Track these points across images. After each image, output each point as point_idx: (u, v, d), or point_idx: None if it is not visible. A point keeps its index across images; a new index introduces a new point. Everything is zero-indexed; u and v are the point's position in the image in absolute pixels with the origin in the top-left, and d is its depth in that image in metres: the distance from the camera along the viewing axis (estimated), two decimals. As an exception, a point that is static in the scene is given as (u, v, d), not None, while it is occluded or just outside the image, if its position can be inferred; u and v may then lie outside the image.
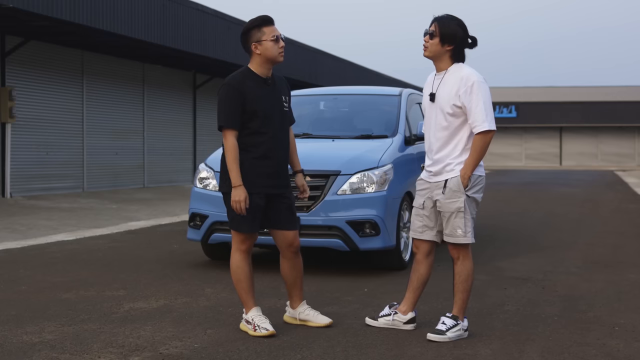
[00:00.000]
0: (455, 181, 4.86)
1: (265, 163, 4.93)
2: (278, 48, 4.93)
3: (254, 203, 4.88)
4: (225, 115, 4.86)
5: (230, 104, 4.85)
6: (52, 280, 6.87)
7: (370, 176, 7.14)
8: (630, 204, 16.84)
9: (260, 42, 4.92)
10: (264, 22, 4.95)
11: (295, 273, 5.16)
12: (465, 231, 4.88)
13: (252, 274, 5.05)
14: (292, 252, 5.11)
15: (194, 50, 19.15)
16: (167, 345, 4.68)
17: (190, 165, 23.64)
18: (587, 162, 55.24)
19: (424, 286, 5.19)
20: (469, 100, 4.79)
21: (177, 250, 8.86)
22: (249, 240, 5.01)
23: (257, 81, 4.95)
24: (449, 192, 4.87)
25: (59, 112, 17.90)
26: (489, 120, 4.78)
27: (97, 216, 13.08)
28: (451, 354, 4.55)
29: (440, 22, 4.91)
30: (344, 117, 8.91)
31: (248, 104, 4.87)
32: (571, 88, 56.85)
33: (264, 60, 4.95)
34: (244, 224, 4.92)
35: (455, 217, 4.88)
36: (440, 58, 4.94)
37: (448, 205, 4.89)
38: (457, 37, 4.89)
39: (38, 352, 4.51)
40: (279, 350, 4.59)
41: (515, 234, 10.85)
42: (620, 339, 4.91)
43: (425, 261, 5.12)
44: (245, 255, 5.01)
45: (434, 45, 4.91)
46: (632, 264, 8.08)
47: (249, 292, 5.00)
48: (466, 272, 4.96)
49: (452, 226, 4.90)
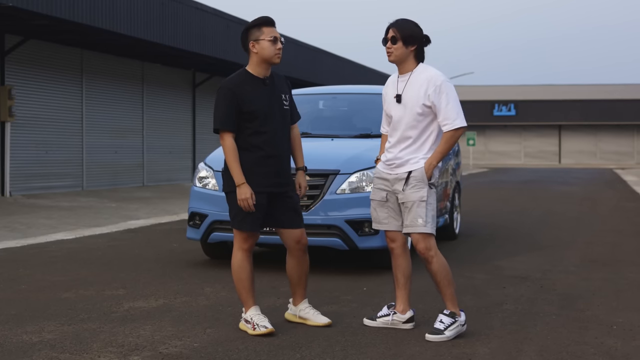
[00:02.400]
0: (419, 172, 4.94)
1: (266, 162, 4.96)
2: (275, 49, 4.96)
3: (256, 202, 4.90)
4: (220, 118, 4.92)
5: (224, 106, 4.91)
6: (51, 279, 6.89)
7: (369, 175, 7.15)
8: (629, 203, 16.86)
9: (258, 41, 4.96)
10: (265, 23, 5.00)
11: (301, 271, 5.18)
12: (426, 221, 4.92)
13: (253, 273, 5.06)
14: (300, 249, 5.13)
15: (193, 48, 19.17)
16: (166, 344, 4.69)
17: (190, 163, 23.65)
18: (586, 160, 55.27)
19: (411, 279, 5.21)
20: (439, 99, 4.92)
21: (176, 249, 8.87)
22: (251, 239, 5.03)
23: (254, 81, 4.98)
24: (413, 181, 4.94)
25: (58, 111, 17.91)
26: (460, 117, 4.94)
27: (97, 215, 13.09)
28: (450, 352, 4.56)
29: (398, 26, 5.03)
30: (343, 116, 8.93)
31: (245, 105, 4.90)
32: (570, 86, 56.87)
33: (260, 60, 4.99)
34: (246, 222, 4.94)
35: (418, 206, 4.92)
36: (406, 60, 5.06)
37: (411, 195, 4.94)
38: (417, 36, 5.02)
39: (38, 351, 4.52)
40: (278, 349, 4.61)
41: (514, 232, 10.86)
42: (618, 337, 4.93)
43: (404, 254, 5.15)
44: (247, 254, 5.03)
45: (398, 49, 5.03)
46: (631, 262, 8.10)
47: (249, 291, 5.02)
48: (443, 266, 4.96)
49: (413, 216, 4.94)
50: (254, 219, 4.95)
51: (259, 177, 4.93)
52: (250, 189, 4.85)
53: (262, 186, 4.94)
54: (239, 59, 21.27)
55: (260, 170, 4.94)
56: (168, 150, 22.50)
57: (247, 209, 4.86)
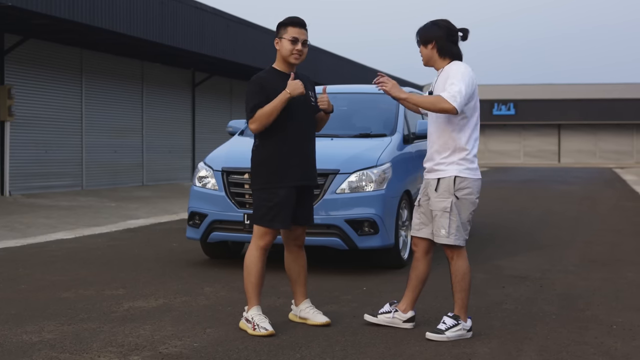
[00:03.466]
0: (446, 181, 4.91)
1: (293, 154, 5.03)
2: (292, 49, 5.05)
3: (285, 199, 4.97)
4: (253, 106, 4.97)
5: (255, 97, 4.99)
6: (51, 279, 6.89)
7: (369, 175, 7.16)
8: (628, 202, 16.86)
9: (281, 38, 5.09)
10: (291, 23, 5.12)
11: (298, 268, 5.23)
12: (449, 232, 4.92)
13: (264, 273, 5.08)
14: (297, 245, 5.22)
15: (193, 48, 19.16)
16: (166, 344, 4.69)
17: (189, 163, 23.65)
18: (585, 159, 55.27)
19: (423, 284, 5.21)
20: (450, 82, 4.84)
21: (176, 249, 8.87)
22: (269, 237, 5.04)
23: (280, 77, 5.09)
24: (440, 190, 4.92)
25: (57, 111, 17.90)
26: (459, 100, 4.76)
27: (96, 214, 13.09)
28: (449, 352, 4.56)
29: (420, 31, 5.08)
30: (342, 115, 8.91)
31: (272, 98, 4.99)
32: (570, 85, 56.84)
33: (280, 57, 5.13)
34: (277, 220, 4.98)
35: (441, 216, 4.92)
36: (433, 59, 5.05)
37: (436, 203, 4.95)
38: (434, 34, 5.00)
39: (38, 351, 4.52)
40: (278, 349, 4.61)
41: (513, 232, 10.87)
42: (618, 337, 4.93)
43: (424, 259, 5.15)
44: (262, 252, 5.05)
45: (423, 52, 5.07)
46: (630, 262, 8.10)
47: (256, 289, 5.03)
48: (462, 272, 4.97)
49: (437, 225, 4.95)
50: (285, 215, 5.00)
51: (287, 170, 5.01)
52: (296, 82, 4.97)
53: (290, 180, 5.01)
54: (239, 58, 21.27)
55: (288, 164, 5.02)
56: (168, 150, 22.49)
57: (301, 89, 4.93)
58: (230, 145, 8.04)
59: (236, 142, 8.14)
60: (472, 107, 4.94)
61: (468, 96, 4.83)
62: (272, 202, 4.97)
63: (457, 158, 4.92)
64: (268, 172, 5.02)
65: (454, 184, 4.90)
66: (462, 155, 4.92)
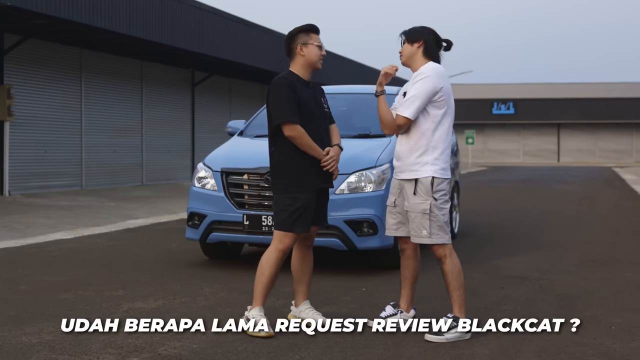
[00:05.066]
0: (424, 182, 4.91)
1: (311, 158, 5.04)
2: (320, 55, 5.15)
3: (306, 203, 5.00)
4: (285, 111, 4.95)
5: (291, 100, 4.98)
6: (50, 279, 6.89)
7: (368, 175, 7.16)
8: (628, 202, 16.86)
9: (307, 45, 5.11)
10: (313, 29, 5.18)
11: (304, 267, 5.26)
12: (431, 232, 4.92)
13: (277, 276, 5.08)
14: (306, 245, 5.27)
15: (192, 47, 19.16)
16: (165, 345, 4.70)
17: (189, 162, 23.65)
18: (585, 158, 55.29)
19: (417, 280, 5.28)
20: (408, 97, 4.94)
21: (175, 250, 8.87)
22: (290, 240, 5.03)
23: (301, 83, 5.12)
24: (418, 192, 4.92)
25: (57, 110, 17.90)
26: (410, 109, 4.89)
27: (96, 214, 13.09)
28: (448, 354, 4.57)
29: (408, 30, 5.13)
30: (342, 116, 8.90)
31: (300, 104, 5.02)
32: (569, 85, 56.87)
33: (306, 63, 5.14)
34: (298, 224, 4.99)
35: (421, 218, 4.92)
36: (414, 58, 5.06)
37: (415, 205, 4.94)
38: (424, 35, 5.04)
39: (37, 353, 4.52)
40: (277, 350, 4.61)
41: (513, 232, 10.87)
42: (617, 338, 4.93)
43: (414, 256, 5.18)
44: (281, 255, 5.04)
45: (405, 49, 5.09)
46: (629, 262, 8.11)
47: (265, 290, 5.04)
48: (457, 269, 4.97)
49: (417, 226, 4.95)
50: (306, 219, 5.02)
51: (308, 176, 5.03)
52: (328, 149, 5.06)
53: (310, 184, 5.04)
54: (238, 58, 21.27)
55: (313, 169, 5.04)
56: (167, 149, 22.49)
57: (334, 165, 5.03)
58: (230, 146, 8.04)
59: (235, 143, 8.15)
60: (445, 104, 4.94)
61: (420, 100, 4.89)
62: (294, 207, 4.98)
63: (432, 158, 4.92)
64: (288, 176, 5.03)
65: (431, 186, 4.89)
66: (435, 155, 4.93)
